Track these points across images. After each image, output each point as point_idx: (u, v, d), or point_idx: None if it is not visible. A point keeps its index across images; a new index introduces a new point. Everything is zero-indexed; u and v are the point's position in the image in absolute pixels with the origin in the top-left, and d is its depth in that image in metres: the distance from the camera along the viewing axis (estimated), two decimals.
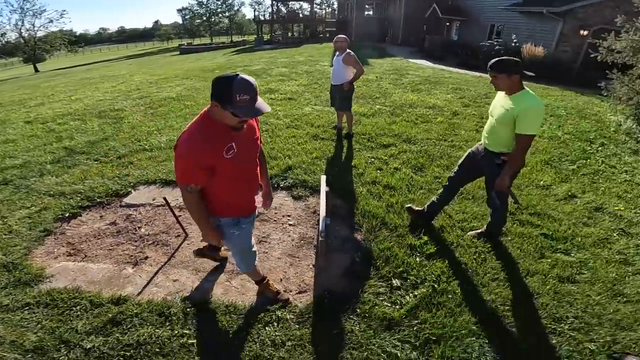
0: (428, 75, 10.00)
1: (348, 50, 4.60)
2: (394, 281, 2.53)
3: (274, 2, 35.37)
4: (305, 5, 39.59)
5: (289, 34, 36.17)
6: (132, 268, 2.71)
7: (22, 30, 34.04)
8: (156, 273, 2.65)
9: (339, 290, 2.45)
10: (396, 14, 25.13)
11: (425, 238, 2.93)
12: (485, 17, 16.88)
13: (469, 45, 15.27)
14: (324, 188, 2.91)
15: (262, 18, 36.26)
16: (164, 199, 2.85)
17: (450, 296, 2.41)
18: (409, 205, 3.18)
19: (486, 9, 16.77)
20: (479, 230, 3.02)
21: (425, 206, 3.08)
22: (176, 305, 2.31)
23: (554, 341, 2.12)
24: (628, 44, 5.20)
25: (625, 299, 2.45)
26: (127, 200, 3.60)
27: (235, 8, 55.53)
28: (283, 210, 3.39)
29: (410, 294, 2.43)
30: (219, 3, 52.83)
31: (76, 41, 40.71)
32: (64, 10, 54.10)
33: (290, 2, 42.70)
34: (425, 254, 2.79)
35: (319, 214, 2.86)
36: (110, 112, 6.60)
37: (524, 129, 2.28)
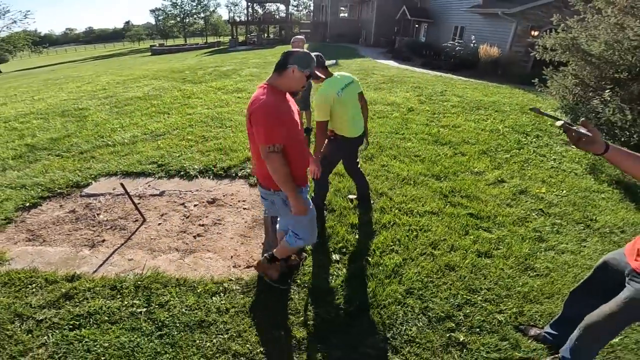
0: (392, 75, 10.46)
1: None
2: (333, 255, 2.80)
3: (249, 3, 35.38)
4: (282, 7, 39.81)
5: (265, 35, 36.27)
6: (89, 250, 2.87)
7: None
8: (112, 254, 2.82)
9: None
10: (369, 16, 25.80)
11: (366, 218, 3.25)
12: (450, 18, 17.66)
13: (434, 47, 15.97)
14: None
15: (237, 19, 36.16)
16: (121, 184, 3.03)
17: (381, 268, 2.66)
18: (349, 196, 3.57)
19: (451, 11, 17.55)
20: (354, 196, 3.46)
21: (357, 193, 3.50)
22: (128, 280, 2.50)
23: (467, 311, 2.32)
24: (556, 41, 5.72)
25: (535, 273, 2.68)
26: (87, 190, 3.74)
27: (211, 9, 54.94)
28: (239, 196, 3.63)
29: (347, 267, 2.69)
30: (194, 4, 52.14)
31: (40, 42, 39.26)
32: (28, 11, 52.06)
33: (267, 4, 42.82)
34: (364, 231, 3.10)
35: None
36: (74, 111, 6.61)
37: (315, 116, 2.81)
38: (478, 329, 2.22)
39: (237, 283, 2.52)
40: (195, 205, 3.46)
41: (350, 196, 3.55)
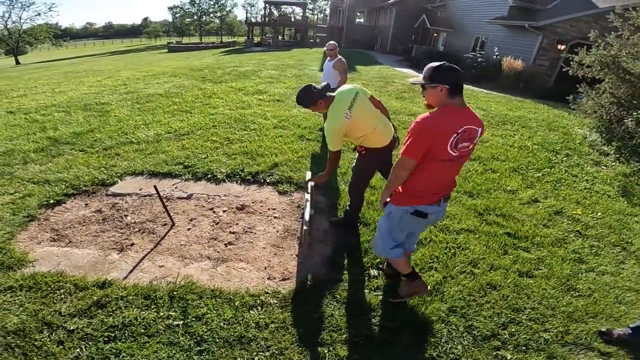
0: (413, 84, 10.34)
1: (339, 57, 4.84)
2: (371, 271, 2.72)
3: (266, 4, 35.56)
4: (298, 10, 40.00)
5: (280, 37, 36.39)
6: (118, 254, 2.79)
7: (7, 23, 33.24)
8: (142, 259, 2.73)
9: (320, 278, 2.61)
10: (386, 23, 25.74)
11: None
12: (471, 29, 17.49)
13: (453, 57, 15.78)
14: (310, 183, 3.08)
15: (253, 20, 36.35)
16: (155, 187, 2.95)
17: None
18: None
19: (472, 22, 17.39)
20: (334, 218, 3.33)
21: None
22: (162, 289, 2.40)
23: (513, 329, 2.32)
24: (597, 58, 5.57)
25: (577, 294, 2.71)
26: (113, 189, 3.67)
27: (228, 9, 55.39)
28: (268, 203, 3.54)
29: (386, 283, 2.61)
30: (212, 3, 52.62)
31: (61, 35, 39.87)
32: (53, 4, 52.84)
33: (283, 6, 43.01)
34: None
35: (303, 208, 3.02)
36: (95, 106, 6.59)
37: (328, 145, 2.62)
38: (524, 347, 2.23)
39: (274, 296, 2.44)
40: (224, 211, 3.37)
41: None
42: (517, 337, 2.27)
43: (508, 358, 2.12)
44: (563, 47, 11.87)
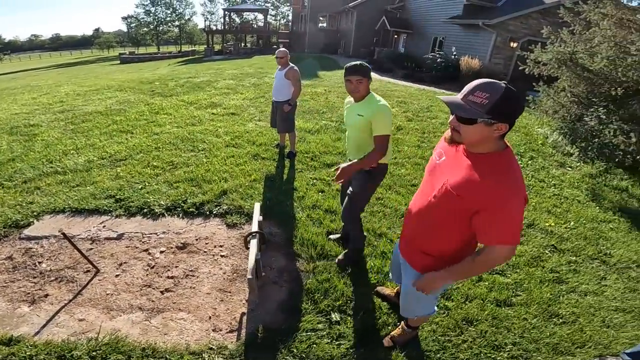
0: (375, 88, 10.17)
1: (291, 65, 4.44)
2: (333, 315, 2.35)
3: (226, 12, 34.76)
4: (260, 16, 39.46)
5: (242, 45, 35.63)
6: (29, 307, 2.34)
7: None
8: (58, 312, 2.30)
9: (274, 327, 2.24)
10: (348, 26, 25.77)
11: (366, 265, 2.79)
12: (429, 29, 17.75)
13: (414, 58, 15.95)
14: (257, 217, 2.67)
15: (214, 28, 35.36)
16: (62, 233, 2.41)
17: (390, 329, 2.28)
18: (331, 237, 3.11)
19: (430, 22, 17.65)
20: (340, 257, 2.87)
21: (342, 232, 3.08)
22: (81, 347, 2.00)
23: None
24: (554, 55, 5.50)
25: (561, 320, 2.48)
26: (27, 232, 3.08)
27: (187, 17, 53.61)
28: (215, 240, 3.07)
29: (351, 329, 2.26)
30: (169, 12, 50.77)
31: (3, 48, 36.92)
32: None
33: (244, 13, 42.28)
34: (365, 283, 2.64)
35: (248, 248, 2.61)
36: (23, 128, 5.80)
37: (380, 130, 2.34)
38: None
39: (219, 353, 2.05)
40: (161, 252, 2.87)
41: (332, 236, 3.09)
42: None
43: None
44: (515, 44, 12.18)
